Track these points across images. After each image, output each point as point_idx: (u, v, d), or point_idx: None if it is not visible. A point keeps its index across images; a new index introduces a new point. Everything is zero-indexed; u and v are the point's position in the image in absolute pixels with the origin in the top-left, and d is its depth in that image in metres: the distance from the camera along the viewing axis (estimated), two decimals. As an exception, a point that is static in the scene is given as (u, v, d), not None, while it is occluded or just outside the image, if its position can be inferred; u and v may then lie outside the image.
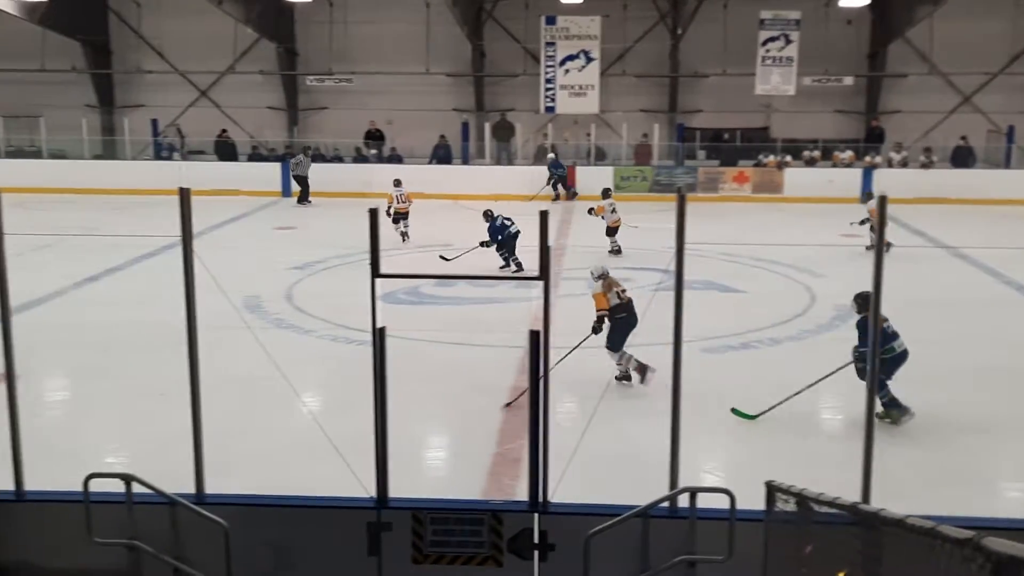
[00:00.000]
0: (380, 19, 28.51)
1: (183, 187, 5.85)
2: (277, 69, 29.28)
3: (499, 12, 29.09)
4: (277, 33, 28.48)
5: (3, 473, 6.15)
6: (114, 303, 14.22)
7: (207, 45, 28.72)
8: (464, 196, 25.30)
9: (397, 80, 28.61)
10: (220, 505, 5.73)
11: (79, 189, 24.94)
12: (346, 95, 29.20)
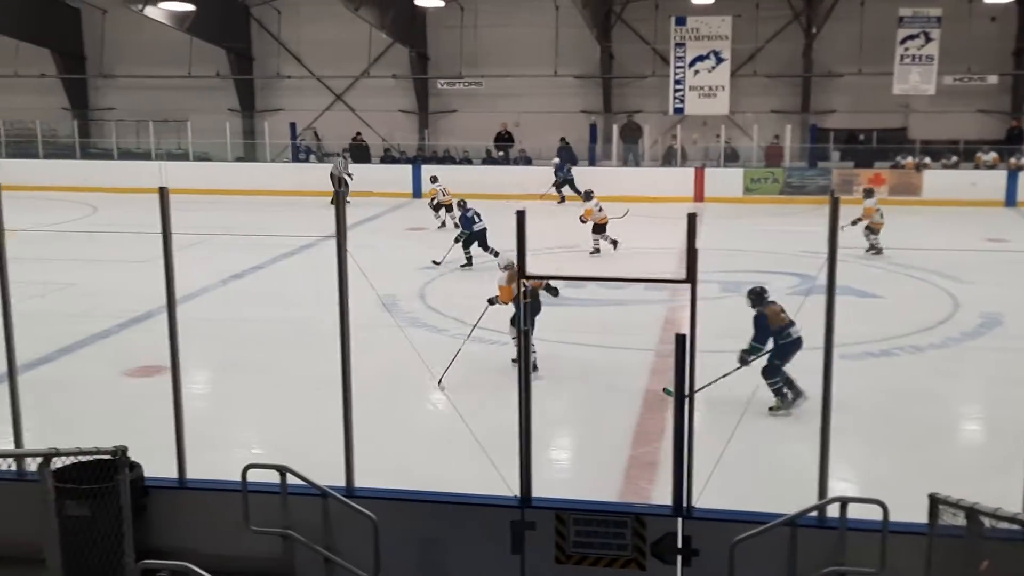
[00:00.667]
0: (509, 23, 28.78)
1: (338, 190, 6.03)
2: (409, 73, 29.87)
3: (628, 14, 29.00)
4: (409, 38, 29.06)
5: (167, 461, 6.50)
6: (259, 300, 14.79)
7: (343, 50, 29.52)
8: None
9: (525, 83, 28.83)
10: (369, 499, 5.92)
11: (222, 190, 25.96)
12: (475, 98, 29.58)
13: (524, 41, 28.83)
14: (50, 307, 13.20)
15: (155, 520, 6.23)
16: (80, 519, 5.46)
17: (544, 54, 28.66)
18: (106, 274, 16.36)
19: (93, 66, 31.34)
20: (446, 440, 8.50)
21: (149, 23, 27.74)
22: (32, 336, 7.39)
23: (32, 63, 30.44)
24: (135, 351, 11.80)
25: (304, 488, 5.97)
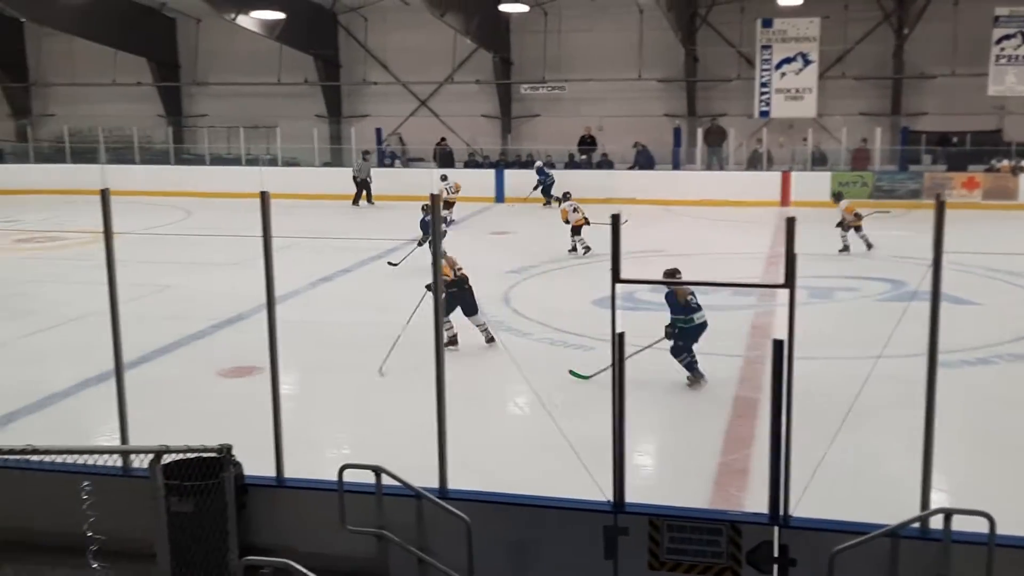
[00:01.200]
0: (593, 27, 28.75)
1: (434, 194, 6.11)
2: (493, 78, 30.03)
3: (713, 16, 28.73)
4: (493, 43, 29.23)
5: (261, 460, 6.65)
6: (347, 302, 15.03)
7: (427, 56, 29.83)
8: (675, 202, 25.17)
9: (608, 87, 28.77)
10: (462, 501, 5.98)
11: (310, 194, 26.43)
12: (558, 102, 29.62)
13: (607, 45, 28.77)
14: (148, 308, 13.59)
15: (254, 518, 6.38)
16: (185, 515, 5.62)
17: (627, 58, 28.57)
18: (200, 276, 16.81)
19: (187, 74, 32.21)
20: (536, 443, 8.53)
21: (240, 32, 28.42)
22: (132, 336, 7.62)
23: (129, 72, 31.41)
24: (229, 352, 12.10)
25: (398, 489, 6.05)
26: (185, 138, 32.18)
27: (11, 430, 8.89)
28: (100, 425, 9.07)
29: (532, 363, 10.88)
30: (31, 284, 16.35)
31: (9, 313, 13.97)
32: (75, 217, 15.77)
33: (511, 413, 10.22)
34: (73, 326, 13.17)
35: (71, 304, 14.22)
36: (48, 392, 10.48)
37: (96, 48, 30.60)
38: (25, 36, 32.86)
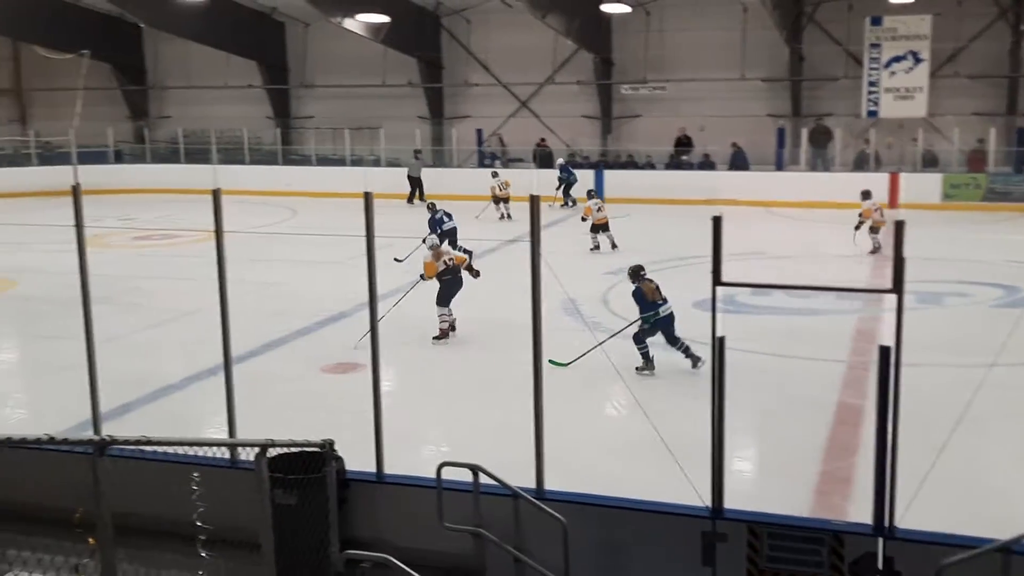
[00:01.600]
0: (695, 26, 28.44)
1: (533, 194, 6.13)
2: (593, 79, 29.97)
3: (820, 14, 28.12)
4: (595, 44, 29.16)
5: (361, 455, 6.78)
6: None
7: (528, 57, 29.93)
8: (778, 203, 24.72)
9: (710, 87, 28.42)
10: (559, 501, 5.99)
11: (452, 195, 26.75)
12: (659, 103, 29.38)
13: (710, 44, 28.42)
14: (256, 305, 13.98)
15: (355, 512, 6.51)
16: (289, 508, 5.77)
17: (730, 57, 28.17)
18: (305, 274, 17.20)
19: (295, 77, 32.99)
20: (633, 444, 8.50)
21: (347, 35, 28.98)
22: (240, 331, 7.86)
23: (241, 75, 32.34)
24: (332, 349, 12.36)
25: (495, 488, 6.10)
26: (293, 139, 32.97)
27: (126, 420, 9.25)
28: (210, 417, 9.38)
29: (630, 364, 10.85)
30: (146, 280, 16.98)
31: (125, 307, 14.52)
32: (188, 216, 16.28)
33: (608, 414, 10.19)
34: (185, 321, 13.63)
35: (183, 299, 14.71)
36: (161, 384, 10.88)
37: (210, 52, 31.62)
38: (144, 41, 34.13)
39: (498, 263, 17.64)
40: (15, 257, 18.50)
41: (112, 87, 33.83)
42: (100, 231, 19.98)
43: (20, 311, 15.08)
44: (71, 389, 7.91)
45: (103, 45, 31.60)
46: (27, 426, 9.29)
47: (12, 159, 32.17)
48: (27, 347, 13.58)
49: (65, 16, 30.71)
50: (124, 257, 19.08)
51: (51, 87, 33.64)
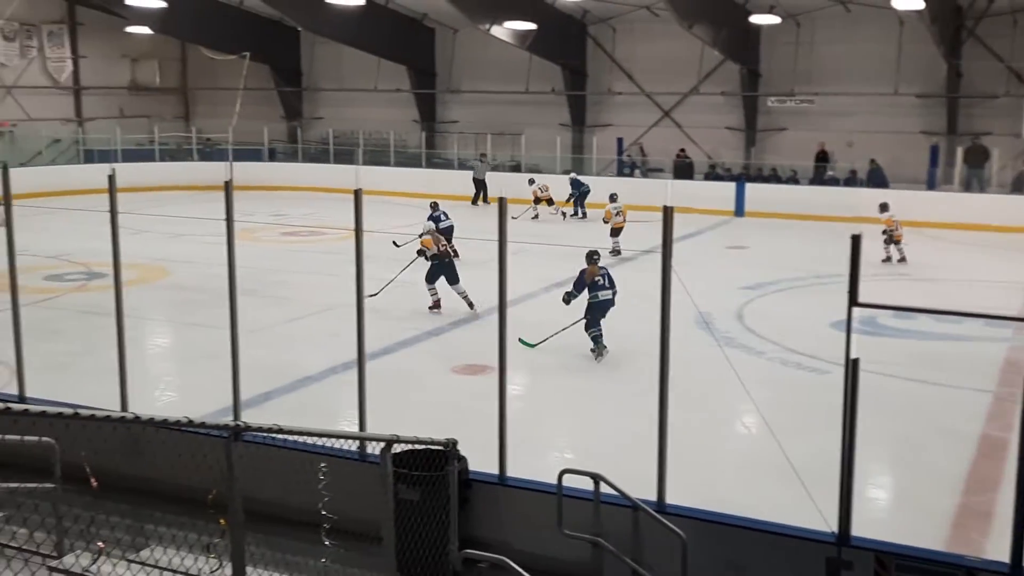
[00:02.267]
0: (849, 39, 27.63)
1: (667, 206, 6.11)
2: (739, 90, 29.49)
3: (982, 29, 26.88)
4: (741, 55, 28.70)
5: (484, 456, 6.87)
6: (578, 309, 15.18)
7: (673, 67, 29.68)
8: (927, 224, 23.77)
9: (860, 101, 27.56)
10: (680, 516, 5.94)
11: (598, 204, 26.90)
12: (806, 116, 28.67)
13: (862, 57, 27.55)
14: (392, 303, 14.33)
15: (475, 512, 6.60)
16: (411, 504, 5.90)
17: (884, 71, 27.24)
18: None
19: (442, 82, 33.63)
20: (759, 464, 8.34)
21: (494, 42, 29.37)
22: (376, 328, 8.09)
23: (390, 79, 33.19)
24: (463, 350, 12.56)
25: (615, 498, 6.09)
26: (436, 143, 33.61)
27: (266, 408, 9.62)
28: (343, 410, 9.67)
29: (761, 382, 10.63)
30: (293, 274, 17.62)
31: (272, 300, 15.10)
32: (334, 214, 16.82)
33: (735, 431, 10.03)
34: (326, 315, 14.08)
35: (325, 294, 15.20)
36: (300, 375, 11.28)
37: (362, 56, 32.57)
38: (301, 45, 35.43)
39: (630, 274, 17.57)
40: (171, 247, 19.47)
41: (269, 88, 35.22)
42: (251, 225, 20.84)
43: (172, 299, 15.87)
44: (216, 375, 8.29)
45: (263, 48, 32.99)
46: (174, 409, 9.77)
47: (174, 154, 33.88)
48: (178, 334, 14.28)
49: (229, 19, 32.18)
50: (272, 251, 19.83)
51: (214, 87, 35.30)
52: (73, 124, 33.44)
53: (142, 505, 5.71)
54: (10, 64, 31.54)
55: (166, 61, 36.56)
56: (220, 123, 32.86)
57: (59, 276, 16.96)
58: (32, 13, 31.29)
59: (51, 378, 9.80)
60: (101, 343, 10.21)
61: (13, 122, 31.23)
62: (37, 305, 13.88)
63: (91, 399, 7.10)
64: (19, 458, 4.82)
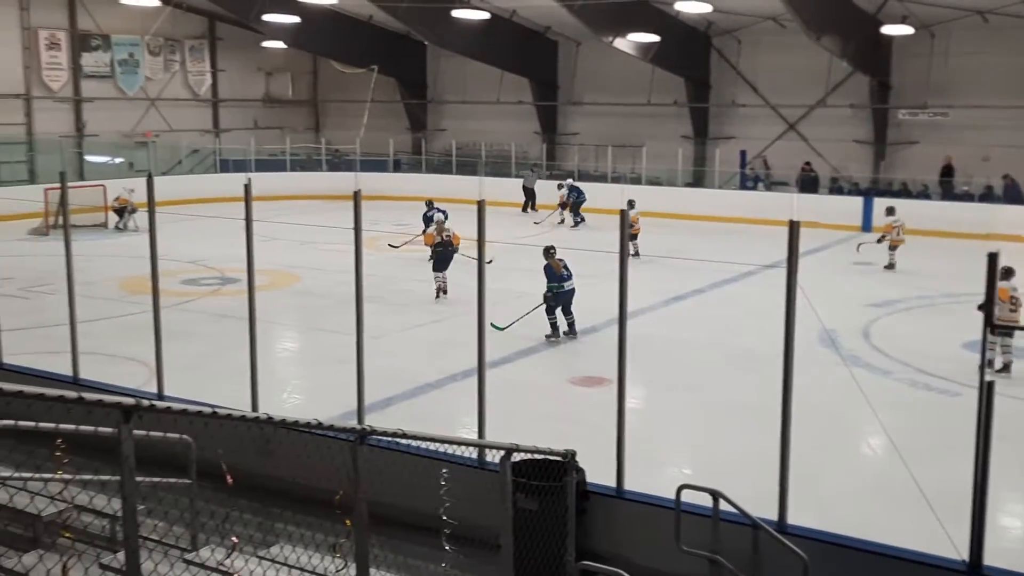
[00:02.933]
0: (985, 50, 26.55)
1: (792, 220, 6.01)
2: (868, 103, 28.70)
3: None
4: (871, 66, 27.92)
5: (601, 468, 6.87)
6: (699, 323, 15.07)
7: (799, 79, 29.10)
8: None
9: (996, 114, 26.45)
10: (802, 537, 5.83)
11: (670, 214, 26.72)
12: (938, 129, 27.69)
13: (999, 69, 26.42)
14: (512, 313, 14.43)
15: (593, 524, 6.62)
16: (529, 513, 5.96)
17: (1022, 84, 26.11)
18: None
19: (563, 94, 33.77)
20: (885, 486, 8.12)
21: (616, 54, 29.34)
22: (495, 338, 8.20)
23: (512, 91, 33.51)
24: (581, 361, 12.59)
25: (735, 516, 6.01)
26: (557, 154, 33.74)
27: (387, 413, 9.84)
28: (460, 417, 9.81)
29: (888, 403, 10.33)
30: (414, 282, 17.94)
31: (394, 307, 15.43)
32: (456, 224, 17.11)
33: (861, 452, 9.77)
34: (447, 323, 14.31)
35: (446, 303, 15.43)
36: (420, 382, 11.49)
37: (485, 69, 32.98)
38: (427, 58, 36.12)
39: (752, 288, 17.31)
40: (301, 254, 20.08)
41: (396, 100, 35.99)
42: (375, 234, 21.31)
43: (301, 305, 16.37)
44: (340, 380, 8.53)
45: (390, 61, 33.78)
46: (300, 411, 10.08)
47: (304, 164, 34.94)
48: (305, 338, 14.72)
49: (359, 34, 33.04)
50: (395, 260, 20.23)
51: (343, 99, 36.29)
52: (210, 135, 34.84)
53: (271, 503, 5.91)
54: (155, 78, 33.07)
55: (298, 74, 37.77)
56: (348, 134, 33.76)
57: (195, 280, 17.69)
58: (176, 29, 32.78)
59: (186, 378, 10.22)
60: (232, 345, 10.61)
61: (156, 133, 32.72)
62: (174, 308, 14.51)
63: (223, 399, 7.38)
64: (158, 454, 5.05)
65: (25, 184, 26.78)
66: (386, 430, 4.92)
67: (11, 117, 28.76)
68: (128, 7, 29.79)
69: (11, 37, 28.96)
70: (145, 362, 10.39)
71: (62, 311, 9.74)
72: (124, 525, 3.32)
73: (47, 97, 30.15)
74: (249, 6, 28.98)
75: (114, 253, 20.43)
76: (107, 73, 31.72)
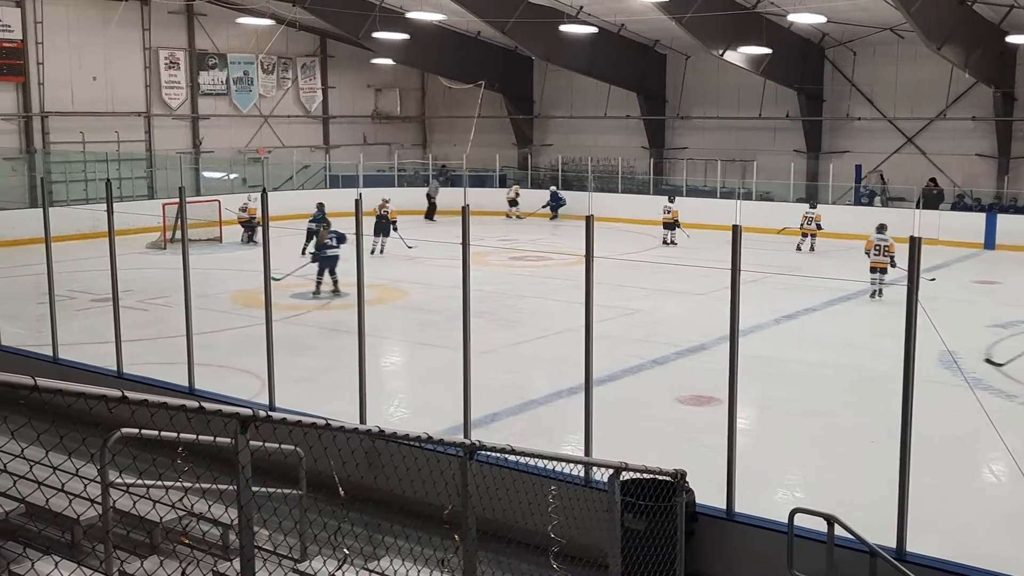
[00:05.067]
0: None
1: (913, 236, 5.80)
2: (992, 115, 27.66)
3: None
4: (996, 77, 26.90)
5: (709, 489, 6.73)
6: (810, 342, 14.70)
7: (918, 91, 28.27)
8: None
9: None
10: (922, 566, 5.60)
11: (781, 230, 26.21)
12: (1070, 141, 26.53)
13: None
14: (619, 330, 14.33)
15: (702, 546, 6.48)
16: (637, 533, 5.86)
17: None
18: (668, 304, 17.36)
19: (672, 108, 33.49)
20: (1010, 515, 7.75)
21: (726, 67, 28.99)
22: (602, 355, 8.12)
23: (620, 106, 33.39)
24: (689, 379, 12.39)
25: (850, 542, 5.81)
26: (665, 169, 33.45)
27: (493, 428, 9.85)
28: (566, 435, 9.75)
29: (1013, 428, 9.87)
30: (521, 299, 17.99)
31: (501, 323, 15.48)
32: (562, 240, 17.16)
33: (985, 479, 9.36)
34: (553, 339, 14.27)
35: (553, 319, 15.42)
36: (526, 398, 11.48)
37: (592, 83, 32.96)
38: (534, 73, 36.29)
39: (868, 307, 16.84)
40: (409, 269, 20.35)
41: (502, 116, 36.24)
42: (482, 249, 21.48)
43: (409, 319, 16.57)
44: (447, 394, 8.58)
45: (497, 76, 34.05)
46: (407, 424, 10.17)
47: (412, 180, 35.44)
48: (412, 352, 14.88)
49: (466, 50, 33.41)
50: (502, 276, 20.33)
51: (450, 115, 36.75)
52: (321, 151, 35.67)
53: (380, 517, 5.97)
54: (268, 95, 34.04)
55: (407, 91, 38.38)
56: (456, 150, 34.12)
57: (305, 294, 18.09)
58: (288, 47, 33.72)
59: (296, 390, 10.43)
60: (341, 359, 10.79)
61: (269, 149, 33.66)
62: (285, 321, 14.86)
63: (331, 412, 7.49)
64: (270, 465, 5.14)
65: (145, 199, 27.84)
66: (495, 446, 4.90)
67: (133, 134, 29.94)
68: (243, 26, 30.79)
69: (134, 57, 30.19)
70: (256, 374, 10.64)
71: (178, 323, 10.04)
72: (240, 534, 3.37)
73: (166, 115, 31.30)
74: (360, 24, 29.62)
75: (227, 266, 21.05)
76: (223, 91, 32.78)
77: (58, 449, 3.58)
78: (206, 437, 3.78)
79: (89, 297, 16.03)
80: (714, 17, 25.39)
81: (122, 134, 29.09)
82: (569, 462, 5.77)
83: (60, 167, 27.52)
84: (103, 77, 29.07)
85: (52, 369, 10.65)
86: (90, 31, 28.51)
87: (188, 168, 31.12)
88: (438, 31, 31.95)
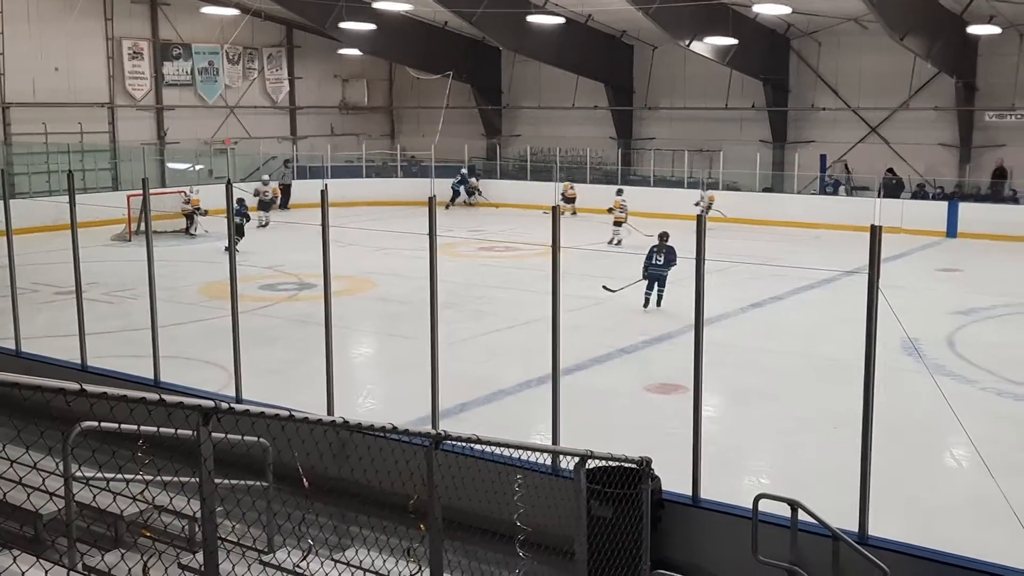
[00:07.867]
0: (1081, 48, 25.74)
1: (874, 225, 5.87)
2: (953, 105, 27.98)
3: None
4: (957, 67, 27.20)
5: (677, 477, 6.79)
6: (776, 330, 14.83)
7: (882, 81, 28.53)
8: None
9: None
10: (883, 549, 5.68)
11: (747, 219, 26.40)
12: (1025, 131, 26.89)
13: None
14: (587, 320, 14.40)
15: (668, 533, 6.53)
16: (604, 520, 5.90)
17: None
18: (635, 293, 17.41)
19: (639, 98, 33.57)
20: (970, 499, 7.89)
21: (693, 58, 29.11)
22: (570, 344, 8.15)
23: (587, 96, 33.43)
24: (656, 368, 12.47)
25: (813, 526, 5.89)
26: (633, 159, 33.54)
27: (461, 419, 9.87)
28: (535, 424, 9.79)
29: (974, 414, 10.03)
30: (490, 288, 17.98)
31: (471, 314, 15.48)
32: (530, 230, 17.16)
33: (946, 464, 9.50)
34: (521, 330, 14.30)
35: (522, 309, 15.44)
36: (495, 388, 11.50)
37: (560, 74, 32.95)
38: (502, 64, 36.23)
39: (832, 295, 17.01)
40: (376, 260, 20.28)
41: (470, 106, 36.16)
42: (451, 240, 21.44)
43: (378, 310, 16.52)
44: (417, 385, 8.56)
45: (466, 67, 33.97)
46: (375, 415, 10.15)
47: (379, 170, 35.31)
48: (382, 343, 14.85)
49: (434, 40, 33.30)
50: (471, 266, 20.31)
51: (418, 105, 36.63)
52: (288, 142, 35.43)
53: (346, 507, 5.96)
54: (234, 86, 33.74)
55: (374, 81, 38.18)
56: (423, 141, 34.01)
57: (272, 286, 17.99)
58: (254, 38, 33.43)
59: (263, 382, 10.38)
60: (309, 350, 10.74)
61: (235, 140, 33.38)
62: (252, 313, 14.76)
63: (299, 404, 7.49)
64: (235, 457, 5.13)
65: (109, 191, 27.52)
66: (460, 435, 4.92)
67: (96, 126, 29.54)
68: (208, 16, 30.46)
69: (96, 47, 29.79)
70: (224, 366, 10.57)
71: (144, 315, 9.96)
72: (203, 526, 3.37)
73: (130, 106, 30.93)
74: (326, 14, 29.42)
75: (194, 259, 20.89)
76: (188, 81, 32.43)
77: (17, 442, 3.55)
78: (168, 430, 3.77)
79: (53, 290, 15.85)
80: (680, 8, 25.47)
81: (85, 125, 28.69)
82: (535, 451, 5.80)
83: (22, 159, 27.10)
84: (65, 68, 28.65)
85: (15, 363, 10.52)
86: (51, 21, 28.09)
87: (153, 159, 30.80)
88: (405, 21, 31.79)
